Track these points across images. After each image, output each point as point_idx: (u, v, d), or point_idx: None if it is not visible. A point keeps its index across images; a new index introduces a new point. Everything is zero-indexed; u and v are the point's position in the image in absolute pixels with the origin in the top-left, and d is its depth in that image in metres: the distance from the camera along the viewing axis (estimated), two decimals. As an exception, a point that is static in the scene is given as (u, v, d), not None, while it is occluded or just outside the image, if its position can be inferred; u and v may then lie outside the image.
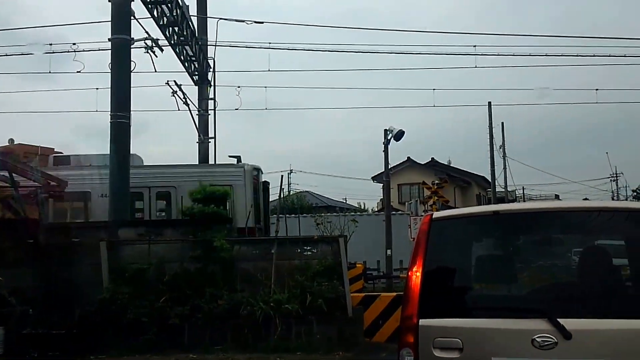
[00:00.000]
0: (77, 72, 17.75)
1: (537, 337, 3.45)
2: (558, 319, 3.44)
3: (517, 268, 4.08)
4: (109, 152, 12.73)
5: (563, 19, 47.94)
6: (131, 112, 12.85)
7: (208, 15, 20.62)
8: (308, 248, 11.07)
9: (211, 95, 20.77)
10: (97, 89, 18.98)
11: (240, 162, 16.27)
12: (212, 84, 20.82)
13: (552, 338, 3.43)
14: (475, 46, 17.52)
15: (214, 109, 20.63)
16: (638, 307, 3.50)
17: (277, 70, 19.56)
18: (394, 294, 11.00)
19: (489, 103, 29.47)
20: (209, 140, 20.48)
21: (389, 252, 19.14)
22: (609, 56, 17.42)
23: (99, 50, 16.03)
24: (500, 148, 27.12)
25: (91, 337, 9.70)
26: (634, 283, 3.78)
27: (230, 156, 17.37)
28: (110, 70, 12.90)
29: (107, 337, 9.76)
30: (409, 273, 3.92)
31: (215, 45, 19.70)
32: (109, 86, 12.86)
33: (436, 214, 4.20)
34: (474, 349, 3.60)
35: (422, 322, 3.75)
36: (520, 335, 3.51)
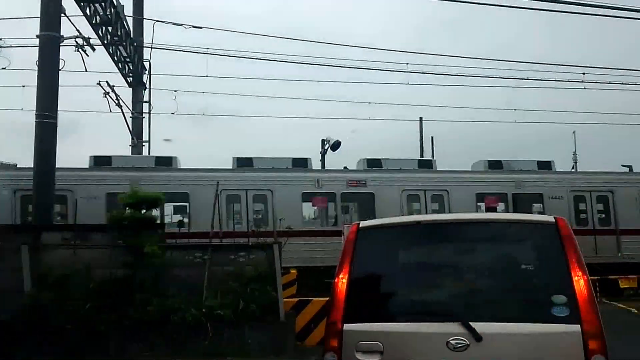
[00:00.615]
0: (3, 68, 17.04)
1: (451, 340, 3.69)
2: (470, 323, 3.69)
3: (435, 275, 4.29)
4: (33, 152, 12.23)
5: (491, 45, 50.86)
6: (58, 112, 12.40)
7: (145, 17, 20.21)
8: (243, 254, 10.99)
9: (146, 98, 20.35)
10: (23, 86, 18.20)
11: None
12: (148, 86, 20.40)
13: (464, 340, 3.67)
14: (407, 64, 17.93)
15: (149, 112, 20.21)
16: (543, 312, 3.75)
17: (216, 77, 19.15)
18: (327, 298, 11.07)
19: (420, 118, 30.82)
20: (143, 143, 20.04)
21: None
22: (527, 79, 18.43)
23: (28, 46, 15.39)
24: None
25: (12, 345, 9.24)
26: (540, 289, 4.03)
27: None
28: (37, 68, 12.42)
29: (29, 345, 9.32)
30: (335, 280, 4.06)
31: (152, 48, 19.36)
32: (36, 84, 12.37)
33: (363, 224, 4.39)
34: (394, 351, 3.80)
35: (346, 327, 3.91)
36: (436, 338, 3.74)
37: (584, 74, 18.30)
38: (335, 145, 21.91)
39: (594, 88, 18.94)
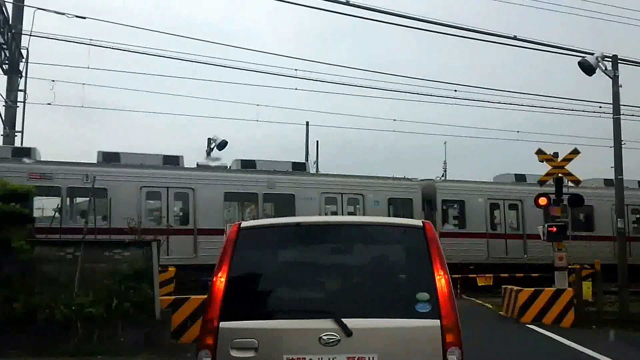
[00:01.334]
0: None
1: (323, 335, 3.92)
2: (342, 319, 3.94)
3: (312, 274, 4.50)
4: None
5: (373, 57, 53.56)
6: None
7: (25, 4, 19.13)
8: (118, 251, 10.82)
9: (21, 87, 19.24)
10: None
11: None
12: (24, 75, 19.31)
13: (335, 336, 3.92)
14: (296, 70, 18.39)
15: (24, 102, 19.12)
16: (408, 308, 4.07)
17: (98, 69, 18.45)
18: (204, 296, 11.18)
19: (307, 122, 31.56)
20: (16, 134, 18.93)
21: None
22: (407, 92, 19.66)
23: None
24: (314, 164, 29.56)
25: None
26: (406, 287, 4.37)
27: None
28: None
29: None
30: (214, 279, 4.15)
31: (30, 35, 18.33)
32: None
33: (244, 224, 4.52)
34: (268, 348, 3.96)
35: (222, 324, 4.01)
36: (309, 334, 3.95)
37: (455, 90, 19.79)
38: (222, 145, 21.97)
39: (464, 104, 20.49)
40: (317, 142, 21.21)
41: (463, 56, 64.26)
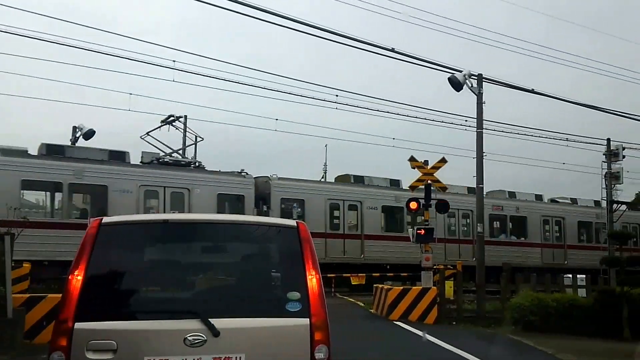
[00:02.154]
0: None
1: (188, 336, 3.79)
2: (209, 319, 3.83)
3: (179, 273, 4.34)
4: None
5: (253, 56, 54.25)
6: None
7: None
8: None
9: None
10: None
11: None
12: None
13: (202, 336, 3.80)
14: (175, 61, 17.72)
15: None
16: (279, 307, 4.05)
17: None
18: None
19: (185, 117, 30.51)
20: None
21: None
22: (290, 94, 19.75)
23: None
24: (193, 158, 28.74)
25: None
26: (278, 287, 4.34)
27: None
28: None
29: None
30: (70, 277, 3.90)
31: None
32: None
33: (106, 219, 4.25)
34: (128, 350, 3.76)
35: (77, 325, 3.77)
36: (173, 335, 3.80)
37: (337, 95, 20.23)
38: (89, 134, 20.72)
39: (344, 109, 20.97)
40: (196, 137, 20.66)
41: (346, 63, 66.40)
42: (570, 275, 17.54)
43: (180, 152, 22.19)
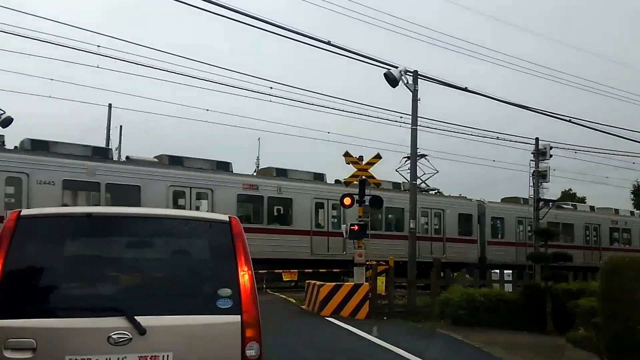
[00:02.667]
0: None
1: (113, 335, 3.62)
2: (135, 317, 3.66)
3: (104, 269, 4.15)
4: None
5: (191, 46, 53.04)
6: None
7: None
8: None
9: None
10: None
11: None
12: None
13: (127, 334, 3.63)
14: (99, 46, 16.74)
15: None
16: (210, 304, 3.92)
17: None
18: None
19: (110, 105, 29.13)
20: None
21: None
22: (222, 84, 19.16)
23: None
24: (116, 150, 27.56)
25: None
26: (208, 283, 4.18)
27: None
28: None
29: None
30: None
31: None
32: None
33: (25, 212, 4.07)
34: (48, 348, 3.61)
35: None
36: (97, 334, 3.64)
37: (271, 87, 19.82)
38: (6, 121, 19.42)
39: (279, 102, 20.52)
40: (121, 127, 19.77)
41: (281, 55, 66.20)
42: (498, 271, 18.01)
43: None
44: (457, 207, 27.67)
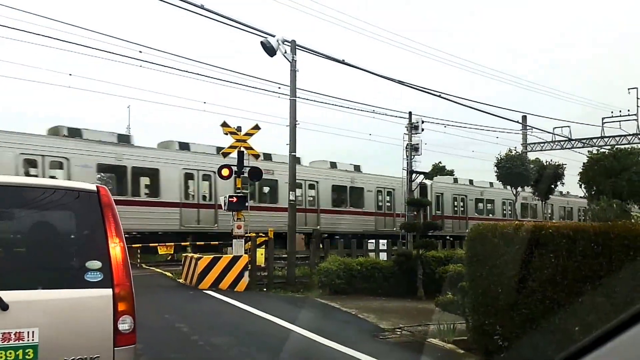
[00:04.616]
0: None
1: None
2: None
3: None
4: None
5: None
6: None
7: None
8: None
9: None
10: None
11: None
12: None
13: None
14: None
15: None
16: (78, 278, 3.78)
17: None
18: None
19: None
20: None
21: None
22: (85, 46, 17.65)
23: None
24: None
25: None
26: (77, 256, 4.01)
27: None
28: None
29: None
30: None
31: None
32: None
33: None
34: None
35: None
36: None
37: (140, 52, 18.63)
38: None
39: (149, 68, 19.26)
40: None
41: (151, 18, 62.93)
42: (374, 241, 18.67)
43: None
44: (330, 180, 28.10)
